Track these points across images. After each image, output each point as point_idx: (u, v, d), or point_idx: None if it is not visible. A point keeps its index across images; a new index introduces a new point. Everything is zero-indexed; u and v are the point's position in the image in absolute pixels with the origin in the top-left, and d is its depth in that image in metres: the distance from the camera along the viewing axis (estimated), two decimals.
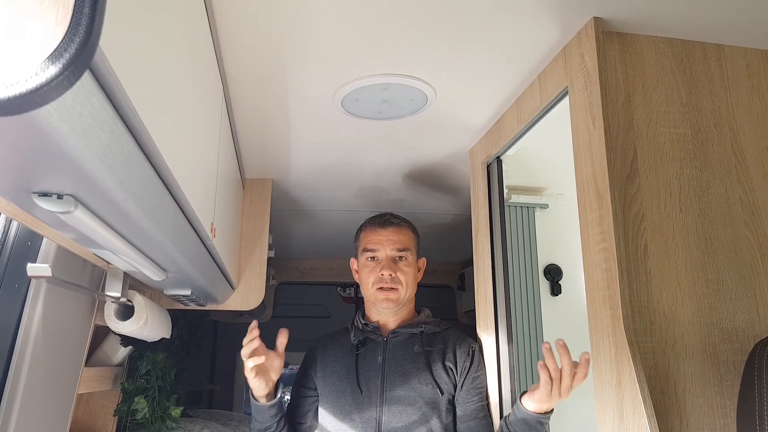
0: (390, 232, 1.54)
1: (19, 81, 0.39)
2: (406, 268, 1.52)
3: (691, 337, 0.99)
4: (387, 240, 1.53)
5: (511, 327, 1.53)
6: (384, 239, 1.53)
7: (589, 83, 1.08)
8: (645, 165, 1.06)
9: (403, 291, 1.51)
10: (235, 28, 1.10)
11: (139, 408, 1.68)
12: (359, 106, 1.42)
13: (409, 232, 1.58)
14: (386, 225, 1.55)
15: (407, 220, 1.62)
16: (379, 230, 1.55)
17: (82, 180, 0.61)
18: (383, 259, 1.52)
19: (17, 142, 0.52)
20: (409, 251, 1.54)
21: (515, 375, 1.52)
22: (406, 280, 1.51)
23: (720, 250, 1.05)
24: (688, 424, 0.94)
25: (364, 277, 1.55)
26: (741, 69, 1.17)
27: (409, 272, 1.52)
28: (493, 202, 1.63)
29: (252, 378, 1.36)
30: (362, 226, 1.63)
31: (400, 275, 1.50)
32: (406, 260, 1.53)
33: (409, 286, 1.53)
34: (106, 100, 0.52)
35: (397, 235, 1.54)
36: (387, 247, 1.52)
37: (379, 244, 1.53)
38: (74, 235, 0.86)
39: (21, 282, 1.13)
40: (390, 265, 1.50)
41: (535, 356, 1.73)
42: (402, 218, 1.60)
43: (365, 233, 1.58)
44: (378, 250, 1.53)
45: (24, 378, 1.14)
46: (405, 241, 1.54)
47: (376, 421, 1.40)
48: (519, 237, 1.81)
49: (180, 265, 1.17)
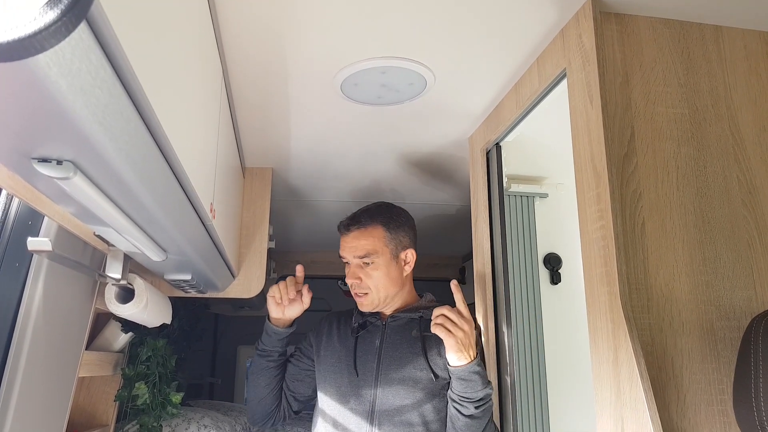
0: (351, 239, 1.49)
1: (18, 25, 0.39)
2: (373, 272, 1.46)
3: (689, 314, 1.00)
4: (349, 247, 1.49)
5: (510, 316, 1.54)
6: (347, 245, 1.49)
7: (587, 63, 1.08)
8: (642, 144, 1.07)
9: (374, 294, 1.47)
10: (234, 9, 1.10)
11: (140, 394, 1.68)
12: (358, 90, 1.42)
13: (377, 231, 1.48)
14: (348, 230, 1.50)
15: (378, 215, 1.51)
16: (344, 236, 1.51)
17: (82, 144, 0.61)
18: (351, 266, 1.50)
19: (17, 101, 0.52)
20: (374, 255, 1.46)
21: (515, 364, 1.53)
22: (375, 284, 1.47)
23: (717, 229, 1.05)
24: (685, 400, 0.94)
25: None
26: (739, 50, 1.17)
27: (377, 275, 1.47)
28: (492, 188, 1.64)
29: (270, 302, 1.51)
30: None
31: (366, 280, 1.46)
32: (374, 264, 1.47)
33: (381, 288, 1.48)
34: (104, 58, 0.53)
35: (358, 241, 1.47)
36: (349, 254, 1.48)
37: (344, 251, 1.50)
38: (74, 208, 0.87)
39: (22, 261, 1.14)
40: (352, 272, 1.48)
41: (535, 345, 1.73)
42: (369, 214, 1.51)
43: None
44: (345, 257, 1.51)
45: (24, 358, 1.14)
46: (367, 245, 1.46)
47: (370, 404, 1.41)
48: (519, 226, 1.82)
49: (180, 246, 1.17)
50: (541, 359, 1.70)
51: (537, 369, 1.70)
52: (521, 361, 1.67)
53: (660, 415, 0.88)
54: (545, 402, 1.66)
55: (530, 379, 1.67)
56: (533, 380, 1.68)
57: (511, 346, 1.50)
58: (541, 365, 1.70)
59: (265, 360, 1.53)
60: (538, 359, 1.70)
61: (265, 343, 1.53)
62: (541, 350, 1.72)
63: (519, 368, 1.64)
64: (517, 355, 1.59)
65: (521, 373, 1.66)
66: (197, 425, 1.99)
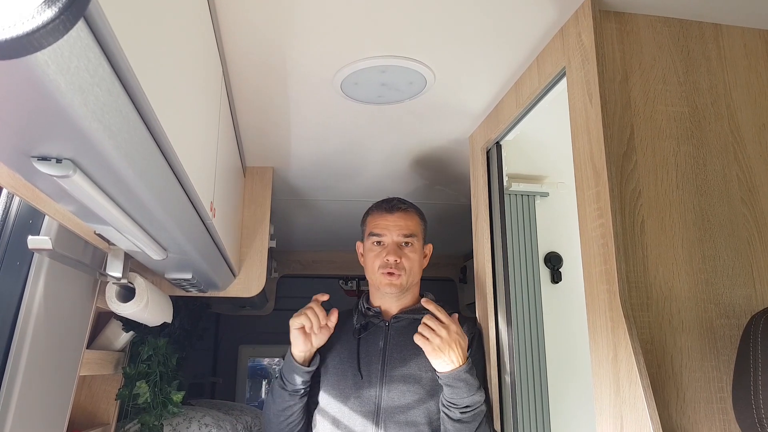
0: (397, 218, 1.53)
1: (16, 23, 0.39)
2: (411, 254, 1.52)
3: (688, 312, 0.99)
4: (394, 225, 1.52)
5: (511, 315, 1.54)
6: (391, 224, 1.53)
7: (587, 62, 1.08)
8: (642, 142, 1.06)
9: (406, 277, 1.51)
10: (233, 8, 1.11)
11: (141, 393, 1.69)
12: (358, 89, 1.42)
13: (416, 218, 1.58)
14: (393, 210, 1.54)
15: (415, 206, 1.61)
16: (387, 215, 1.54)
17: (81, 142, 0.62)
18: (389, 245, 1.51)
19: (16, 99, 0.53)
20: (415, 237, 1.53)
21: (515, 363, 1.52)
22: (411, 267, 1.51)
23: (717, 227, 1.05)
24: (685, 398, 0.94)
25: (370, 261, 1.55)
26: (738, 48, 1.17)
27: (414, 258, 1.52)
28: (493, 187, 1.64)
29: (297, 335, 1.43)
30: (369, 209, 1.62)
31: (404, 261, 1.51)
32: (412, 246, 1.53)
33: (413, 272, 1.53)
34: (102, 56, 0.53)
35: (404, 221, 1.53)
36: (393, 232, 1.52)
37: (385, 229, 1.52)
38: (74, 207, 0.87)
39: (23, 260, 1.14)
40: (395, 251, 1.50)
41: (536, 344, 1.73)
42: (410, 203, 1.60)
43: (372, 217, 1.58)
44: (384, 235, 1.52)
45: (25, 357, 1.15)
46: (412, 227, 1.54)
47: (375, 405, 1.41)
48: (519, 225, 1.81)
49: (180, 245, 1.17)
50: (541, 358, 1.70)
51: (537, 368, 1.70)
52: (522, 359, 1.67)
53: (659, 412, 0.88)
54: (546, 401, 1.66)
55: (531, 377, 1.67)
56: (534, 379, 1.67)
57: (512, 344, 1.50)
58: (542, 364, 1.70)
59: (297, 399, 1.46)
60: (538, 358, 1.70)
61: (293, 382, 1.45)
62: (542, 349, 1.72)
63: (519, 367, 1.64)
64: (517, 354, 1.58)
65: (522, 371, 1.66)
66: (198, 424, 1.99)
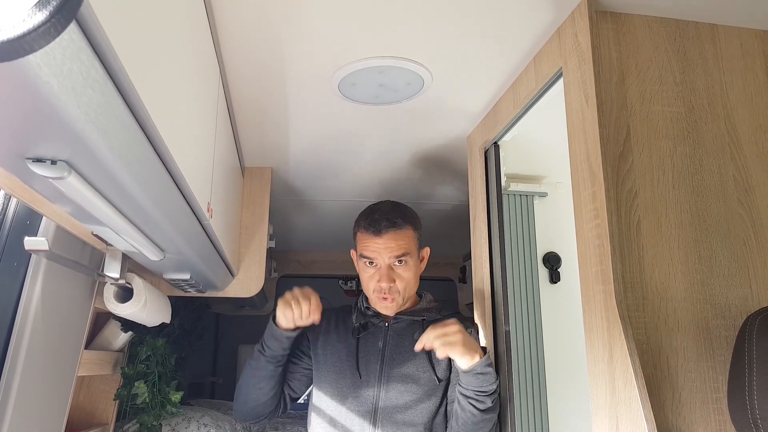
0: (387, 240, 1.43)
1: (7, 27, 0.40)
2: (405, 273, 1.45)
3: (684, 312, 1.00)
4: (384, 248, 1.43)
5: (509, 315, 1.54)
6: (381, 247, 1.43)
7: (583, 62, 1.08)
8: (638, 143, 1.07)
9: (401, 297, 1.46)
10: (230, 7, 1.11)
11: (140, 393, 1.69)
12: (356, 90, 1.42)
13: (408, 232, 1.47)
14: (382, 233, 1.44)
15: (405, 214, 1.50)
16: (375, 238, 1.44)
17: (75, 144, 0.62)
18: (381, 267, 1.44)
19: (9, 102, 0.53)
20: (408, 255, 1.45)
21: (514, 362, 1.53)
22: (405, 286, 1.46)
23: (713, 227, 1.05)
24: (680, 398, 0.94)
25: (363, 280, 1.50)
26: (735, 48, 1.17)
27: (408, 276, 1.46)
28: (491, 187, 1.64)
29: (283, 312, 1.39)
30: (358, 223, 1.52)
31: (398, 283, 1.44)
32: (406, 264, 1.45)
33: (409, 288, 1.47)
34: (95, 58, 0.53)
35: (394, 242, 1.44)
36: (384, 255, 1.43)
37: (375, 252, 1.44)
38: (70, 208, 0.87)
39: (20, 261, 1.14)
40: (387, 275, 1.43)
41: (534, 344, 1.73)
42: (399, 214, 1.48)
43: (361, 236, 1.49)
44: (375, 258, 1.45)
45: (23, 357, 1.15)
46: (403, 245, 1.45)
47: (372, 404, 1.41)
48: (518, 225, 1.81)
49: (178, 245, 1.18)
50: (540, 358, 1.70)
51: (536, 368, 1.70)
52: (520, 359, 1.67)
53: (655, 413, 0.88)
54: (544, 401, 1.66)
55: (529, 378, 1.67)
56: (532, 379, 1.67)
57: (510, 345, 1.50)
58: (540, 364, 1.70)
59: (272, 365, 1.45)
60: (537, 358, 1.70)
61: (272, 348, 1.43)
62: (540, 349, 1.72)
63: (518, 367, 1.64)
64: (516, 354, 1.58)
65: (520, 372, 1.66)
66: (197, 424, 2.00)
